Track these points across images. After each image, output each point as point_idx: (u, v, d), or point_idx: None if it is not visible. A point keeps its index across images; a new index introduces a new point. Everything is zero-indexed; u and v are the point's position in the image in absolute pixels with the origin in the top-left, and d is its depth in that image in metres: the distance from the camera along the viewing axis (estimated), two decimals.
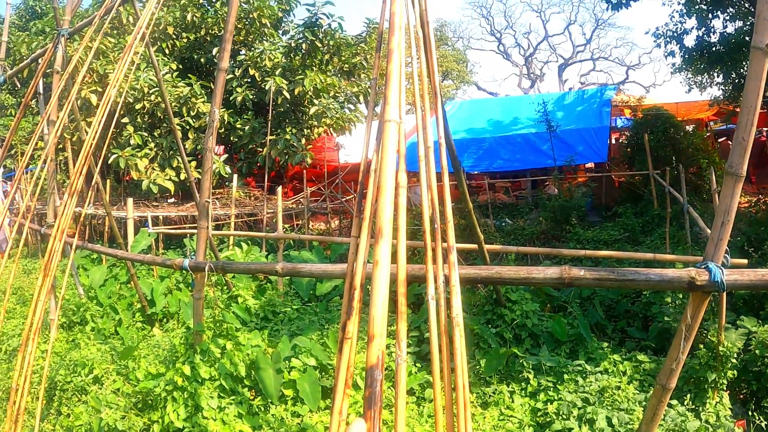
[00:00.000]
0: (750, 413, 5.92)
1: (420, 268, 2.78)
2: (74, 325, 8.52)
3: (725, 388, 5.90)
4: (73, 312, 8.63)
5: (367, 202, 2.19)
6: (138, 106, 15.86)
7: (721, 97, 16.76)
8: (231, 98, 17.01)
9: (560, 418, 5.41)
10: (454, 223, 2.37)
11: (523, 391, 6.02)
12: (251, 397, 5.79)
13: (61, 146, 12.70)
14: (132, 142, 15.86)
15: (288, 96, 16.59)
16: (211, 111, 4.71)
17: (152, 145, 16.25)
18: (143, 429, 5.37)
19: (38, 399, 4.55)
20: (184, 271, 5.34)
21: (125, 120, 16.05)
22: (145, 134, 16.25)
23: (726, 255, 3.05)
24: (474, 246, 6.02)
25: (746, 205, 13.72)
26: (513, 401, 5.82)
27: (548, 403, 5.66)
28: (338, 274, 3.94)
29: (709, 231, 8.11)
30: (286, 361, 5.96)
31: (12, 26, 19.18)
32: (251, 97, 17.04)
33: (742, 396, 6.60)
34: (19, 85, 17.31)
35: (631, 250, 11.20)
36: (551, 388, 5.91)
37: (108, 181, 15.07)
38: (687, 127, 18.24)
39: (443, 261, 2.11)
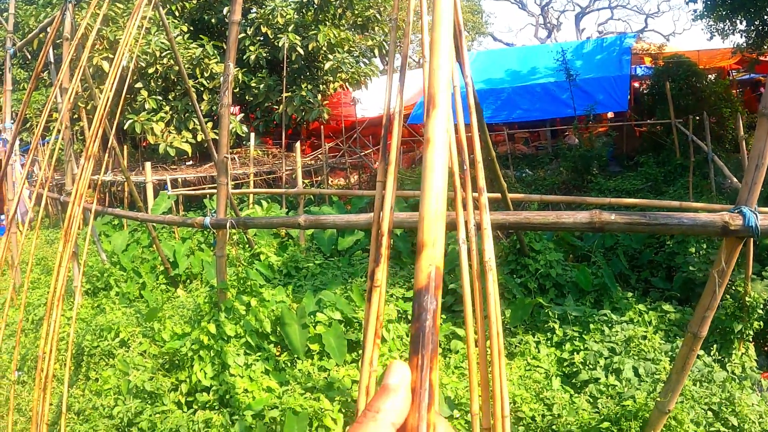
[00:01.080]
0: None
1: (448, 215, 2.72)
2: (99, 291, 8.57)
3: (750, 340, 5.83)
4: (96, 278, 8.68)
5: (392, 148, 2.12)
6: (151, 71, 15.75)
7: (744, 44, 16.30)
8: (244, 57, 16.83)
9: (587, 367, 5.38)
10: None
11: (549, 342, 5.99)
12: (277, 353, 5.81)
13: (76, 116, 12.69)
14: (147, 106, 15.80)
15: (302, 52, 16.39)
16: (226, 66, 4.62)
17: (167, 108, 16.18)
18: (171, 389, 5.41)
19: (65, 366, 4.57)
20: (205, 232, 5.33)
21: (139, 85, 15.96)
22: (160, 98, 16.18)
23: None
24: (497, 195, 5.93)
25: None
26: (539, 351, 5.80)
27: (574, 353, 5.63)
28: (363, 224, 3.88)
29: (734, 179, 8.01)
30: (311, 316, 5.96)
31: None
32: (265, 54, 16.86)
33: (767, 348, 6.54)
34: (29, 57, 17.23)
35: (654, 200, 11.03)
36: (577, 338, 5.87)
37: (125, 147, 15.06)
38: (709, 75, 17.80)
39: (474, 206, 2.04)
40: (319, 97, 17.39)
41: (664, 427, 3.97)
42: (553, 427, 4.60)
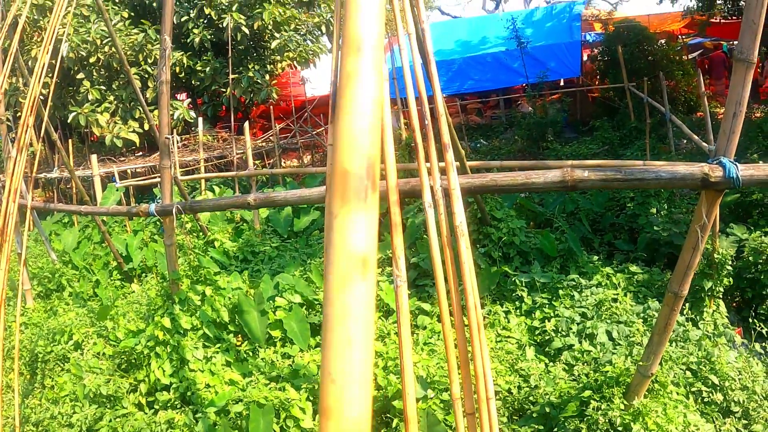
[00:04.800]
0: (750, 320, 5.82)
1: (406, 182, 2.47)
2: (51, 292, 8.22)
3: (720, 297, 5.78)
4: (48, 279, 8.31)
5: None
6: (92, 60, 15.10)
7: (695, 7, 16.41)
8: (188, 40, 16.29)
9: (559, 335, 5.26)
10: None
11: (518, 310, 5.85)
12: (238, 343, 5.55)
13: (19, 113, 12.11)
14: (90, 97, 15.19)
15: (247, 32, 15.94)
16: (162, 39, 4.29)
17: (111, 98, 15.59)
18: (130, 390, 5.13)
19: (15, 373, 4.26)
20: (158, 222, 5.02)
21: (80, 76, 15.32)
22: (103, 88, 15.57)
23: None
24: (455, 163, 5.71)
25: (723, 116, 13.56)
26: (509, 321, 5.65)
27: (545, 321, 5.50)
28: (316, 198, 3.64)
29: (696, 138, 7.94)
30: (270, 302, 5.70)
31: None
32: (209, 37, 16.34)
33: (735, 304, 6.54)
34: None
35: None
36: (546, 305, 5.74)
37: (71, 141, 14.46)
38: (659, 39, 17.91)
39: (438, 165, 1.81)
40: (267, 77, 16.98)
41: (646, 391, 3.84)
42: (531, 398, 4.45)
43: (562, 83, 20.30)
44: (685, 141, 11.93)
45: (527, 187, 2.70)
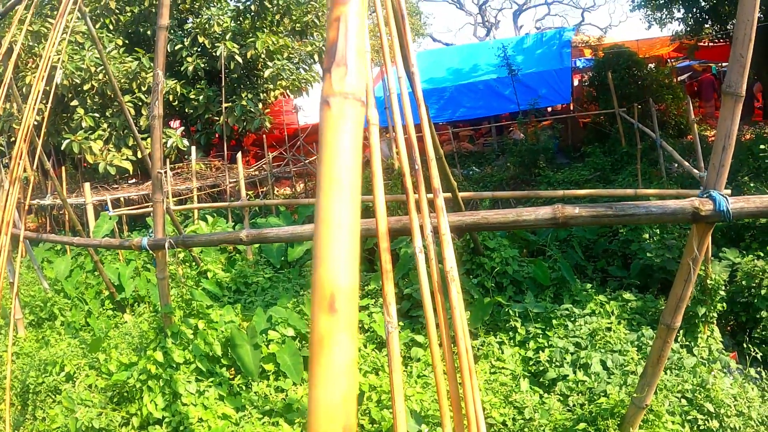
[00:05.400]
0: (744, 345, 5.82)
1: (397, 220, 2.48)
2: (43, 321, 8.13)
3: (714, 322, 5.78)
4: (40, 308, 8.23)
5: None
6: (86, 87, 15.14)
7: (683, 31, 16.62)
8: (182, 69, 16.36)
9: (553, 365, 5.24)
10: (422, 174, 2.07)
11: (512, 341, 5.83)
12: (231, 377, 5.51)
13: (13, 139, 12.13)
14: (84, 124, 15.19)
15: (240, 60, 16.02)
16: (155, 74, 4.31)
17: (105, 125, 15.60)
18: (122, 424, 5.07)
19: (6, 403, 4.21)
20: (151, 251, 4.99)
21: (74, 103, 15.36)
22: (97, 115, 15.58)
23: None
24: (447, 194, 5.73)
25: (713, 138, 13.65)
26: (503, 352, 5.62)
27: (539, 351, 5.48)
28: (308, 236, 3.64)
29: (686, 164, 8.00)
30: (263, 335, 5.67)
31: None
32: (203, 65, 16.42)
33: (729, 328, 6.54)
34: None
35: (603, 189, 11.06)
36: (540, 335, 5.73)
37: (64, 168, 14.45)
38: (649, 64, 18.12)
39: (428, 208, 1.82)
40: (260, 105, 17.03)
41: (641, 422, 3.83)
42: (526, 430, 4.42)
43: (549, 110, 20.43)
44: (676, 165, 12.00)
45: (518, 225, 2.71)
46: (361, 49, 0.81)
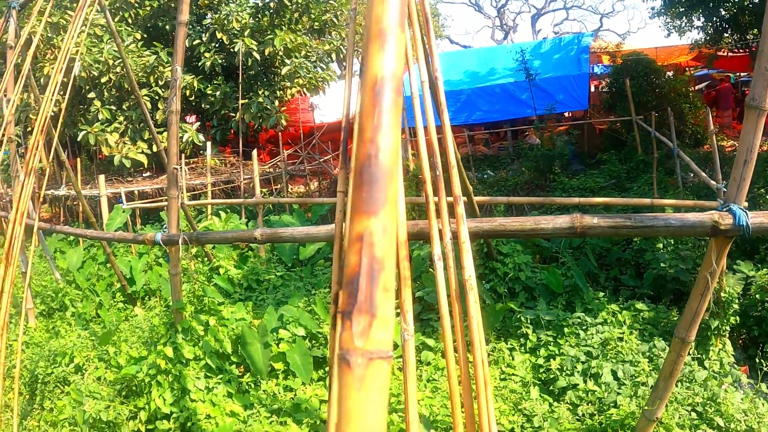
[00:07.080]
0: (756, 359, 5.75)
1: (414, 224, 2.45)
2: (54, 312, 8.17)
3: (726, 335, 5.72)
4: (51, 298, 8.27)
5: (353, 154, 1.86)
6: (104, 80, 15.24)
7: (702, 40, 16.49)
8: (199, 64, 16.42)
9: (564, 373, 5.20)
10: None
11: (523, 348, 5.80)
12: (240, 374, 5.51)
13: (30, 129, 12.20)
14: (100, 117, 15.29)
15: (258, 57, 16.07)
16: (173, 70, 4.32)
17: (121, 118, 15.69)
18: (129, 417, 5.07)
19: (15, 392, 4.23)
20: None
21: (92, 95, 15.45)
22: (114, 108, 15.68)
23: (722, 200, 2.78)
24: (462, 198, 5.70)
25: (731, 149, 13.53)
26: (513, 359, 5.59)
27: (550, 359, 5.44)
28: (323, 237, 3.63)
29: (703, 174, 7.93)
30: (274, 333, 5.67)
31: None
32: (220, 61, 16.48)
33: (741, 342, 6.47)
34: None
35: (619, 197, 10.98)
36: (551, 343, 5.69)
37: (79, 159, 14.53)
38: (667, 72, 17.98)
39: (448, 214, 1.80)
40: (277, 103, 17.07)
41: None
42: None
43: (567, 115, 20.32)
44: (692, 175, 11.91)
45: (536, 233, 2.68)
46: (389, 282, 0.64)
